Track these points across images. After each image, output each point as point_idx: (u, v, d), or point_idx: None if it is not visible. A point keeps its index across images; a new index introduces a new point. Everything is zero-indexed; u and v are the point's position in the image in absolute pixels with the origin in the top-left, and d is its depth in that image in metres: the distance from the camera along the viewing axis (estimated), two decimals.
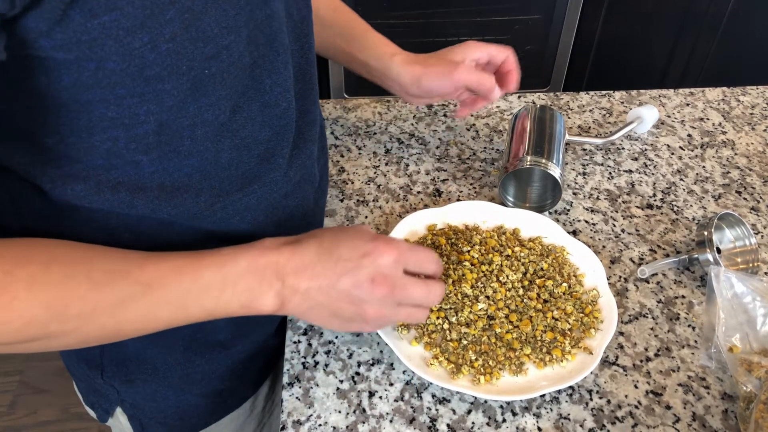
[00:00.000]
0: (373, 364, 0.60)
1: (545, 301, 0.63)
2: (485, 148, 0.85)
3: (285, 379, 0.59)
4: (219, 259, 0.48)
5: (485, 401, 0.57)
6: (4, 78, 0.37)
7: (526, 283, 0.64)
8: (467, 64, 0.70)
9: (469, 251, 0.65)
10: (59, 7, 0.34)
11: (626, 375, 0.60)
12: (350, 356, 0.60)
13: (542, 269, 0.65)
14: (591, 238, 0.73)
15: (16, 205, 0.42)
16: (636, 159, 0.84)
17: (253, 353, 0.66)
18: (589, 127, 0.89)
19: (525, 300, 0.62)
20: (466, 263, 0.64)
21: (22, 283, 0.41)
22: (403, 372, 0.59)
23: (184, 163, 0.47)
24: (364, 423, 0.56)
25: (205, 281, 0.47)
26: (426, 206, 0.75)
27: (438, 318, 0.60)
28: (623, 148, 0.85)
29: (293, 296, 0.49)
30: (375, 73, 0.73)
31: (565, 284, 0.64)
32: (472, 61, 0.71)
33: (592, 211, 0.76)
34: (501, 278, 0.63)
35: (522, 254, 0.66)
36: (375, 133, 0.87)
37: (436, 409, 0.57)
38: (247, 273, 0.48)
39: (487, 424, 0.56)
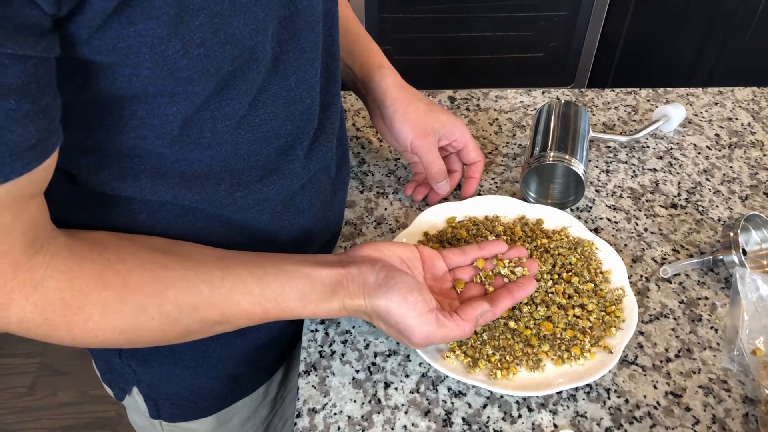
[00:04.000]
0: (389, 355, 0.60)
1: (569, 296, 0.62)
2: (507, 143, 0.84)
3: (301, 367, 0.59)
4: (285, 315, 0.51)
5: (501, 396, 0.57)
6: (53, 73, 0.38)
7: (555, 276, 0.63)
8: (433, 143, 0.69)
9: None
10: (101, 17, 0.35)
11: (645, 375, 0.59)
12: (367, 347, 0.60)
13: (570, 263, 0.64)
14: (613, 236, 0.72)
15: (46, 191, 0.43)
16: (661, 158, 0.82)
17: (269, 340, 0.66)
18: (614, 125, 0.88)
19: (550, 294, 0.61)
20: None
21: (96, 307, 0.44)
22: (419, 364, 0.59)
23: (205, 154, 0.47)
24: (379, 413, 0.56)
25: (267, 321, 0.52)
26: (446, 200, 0.75)
27: None
28: (648, 147, 0.84)
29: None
30: (357, 82, 0.71)
31: (591, 283, 0.63)
32: (448, 137, 0.70)
33: (614, 209, 0.75)
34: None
35: (551, 246, 0.65)
36: None
37: (452, 402, 0.56)
38: (306, 314, 0.53)
39: (503, 419, 0.55)
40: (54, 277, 0.42)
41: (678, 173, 0.80)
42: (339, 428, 0.54)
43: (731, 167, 0.82)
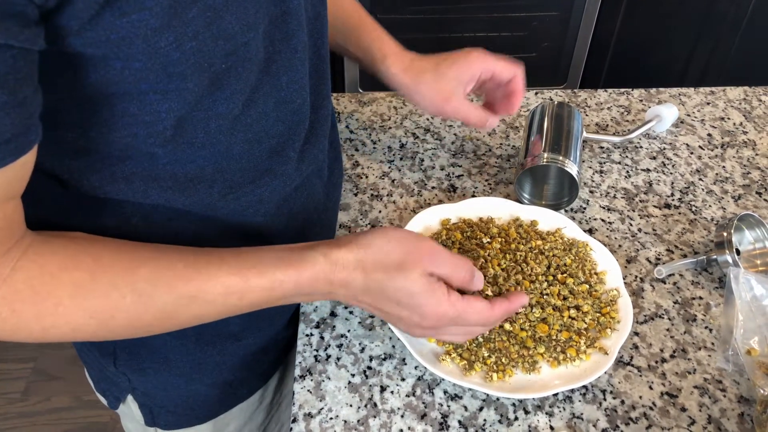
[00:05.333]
0: (385, 359, 0.60)
1: (564, 298, 0.62)
2: (501, 144, 0.84)
3: (297, 372, 0.58)
4: (266, 282, 0.47)
5: (497, 399, 0.57)
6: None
7: (550, 278, 0.63)
8: (459, 102, 0.67)
9: (490, 242, 0.65)
10: (93, 8, 0.34)
11: (641, 376, 0.59)
12: (362, 350, 0.60)
13: (565, 264, 0.64)
14: (607, 236, 0.72)
15: (34, 195, 0.42)
16: (654, 158, 0.83)
17: (264, 345, 0.66)
18: (607, 125, 0.88)
19: (545, 295, 0.61)
20: (490, 252, 0.64)
21: (67, 288, 0.42)
22: (415, 367, 0.59)
23: (197, 155, 0.47)
24: (375, 417, 0.55)
25: (249, 301, 0.48)
26: (440, 202, 0.75)
27: None
28: (641, 147, 0.84)
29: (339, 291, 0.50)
30: (370, 71, 0.71)
31: (586, 284, 0.63)
32: (472, 79, 0.68)
33: (608, 209, 0.75)
34: (525, 270, 0.63)
35: (545, 247, 0.65)
36: (390, 128, 0.86)
37: (448, 406, 0.56)
38: (295, 295, 0.49)
39: (499, 421, 0.55)
40: (24, 268, 0.41)
41: (671, 173, 0.81)
42: None
43: (724, 167, 0.82)
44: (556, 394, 0.57)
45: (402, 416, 0.55)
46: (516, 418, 0.56)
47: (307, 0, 0.51)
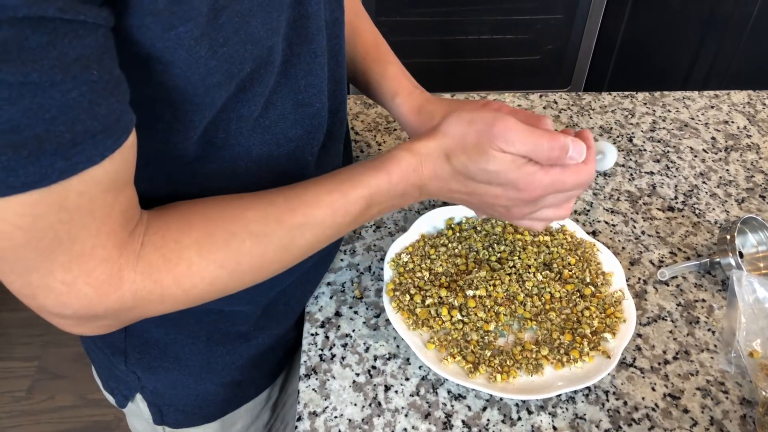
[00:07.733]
0: (389, 359, 0.60)
1: (559, 298, 0.62)
2: None
3: (302, 371, 0.59)
4: (363, 190, 0.49)
5: (501, 399, 0.57)
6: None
7: (552, 275, 0.64)
8: None
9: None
10: (143, 22, 0.35)
11: (644, 377, 0.59)
12: (367, 350, 0.61)
13: (569, 264, 0.65)
14: (611, 239, 0.72)
15: None
16: (658, 161, 0.83)
17: (272, 345, 0.67)
18: (611, 128, 0.88)
19: (540, 288, 0.63)
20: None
21: (192, 249, 0.44)
22: (419, 367, 0.59)
23: (217, 155, 0.48)
24: (379, 416, 0.56)
25: (352, 215, 0.49)
26: (445, 204, 0.75)
27: (454, 323, 0.60)
28: (645, 150, 0.85)
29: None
30: (382, 106, 0.70)
31: (591, 286, 0.63)
32: None
33: (612, 212, 0.76)
34: (521, 256, 0.64)
35: (552, 243, 0.66)
36: (395, 129, 0.87)
37: (452, 405, 0.57)
38: (389, 200, 0.51)
39: (503, 421, 0.56)
40: (150, 242, 0.42)
41: (675, 176, 0.81)
42: (339, 431, 0.55)
43: (727, 170, 0.82)
44: (559, 395, 0.57)
45: (406, 415, 0.56)
46: (519, 419, 0.56)
47: (325, 4, 0.52)
